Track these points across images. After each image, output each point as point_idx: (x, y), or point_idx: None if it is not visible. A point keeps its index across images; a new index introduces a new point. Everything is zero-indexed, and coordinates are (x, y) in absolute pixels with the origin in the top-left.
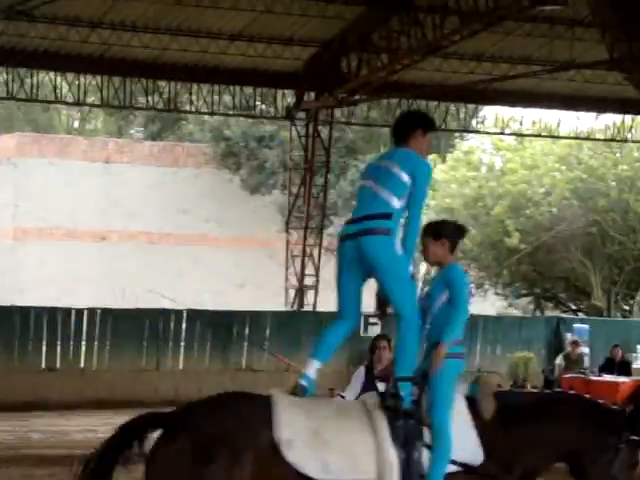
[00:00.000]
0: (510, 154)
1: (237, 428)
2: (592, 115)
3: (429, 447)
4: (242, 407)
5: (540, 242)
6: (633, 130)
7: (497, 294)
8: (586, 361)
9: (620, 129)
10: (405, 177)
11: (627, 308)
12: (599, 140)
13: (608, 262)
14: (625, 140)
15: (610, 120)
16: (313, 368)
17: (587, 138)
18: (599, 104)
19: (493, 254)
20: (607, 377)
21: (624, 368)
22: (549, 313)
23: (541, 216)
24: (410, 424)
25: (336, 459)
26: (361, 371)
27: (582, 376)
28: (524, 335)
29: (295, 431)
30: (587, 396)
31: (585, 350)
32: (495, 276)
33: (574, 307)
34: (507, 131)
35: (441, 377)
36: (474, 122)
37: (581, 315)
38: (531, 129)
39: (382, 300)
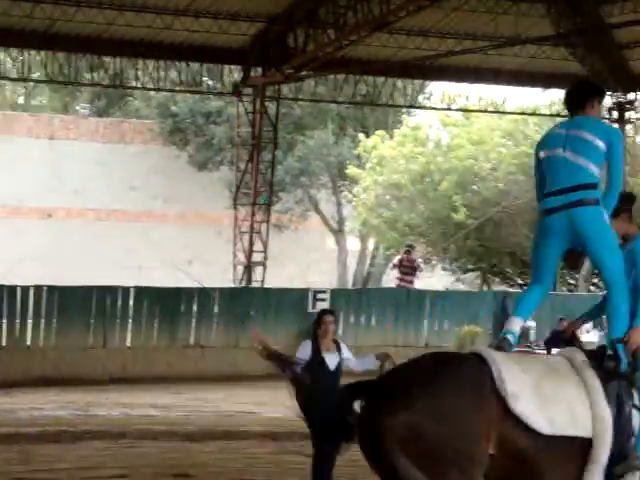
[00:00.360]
0: (457, 130)
1: (462, 386)
2: (538, 90)
3: (638, 409)
4: (458, 366)
5: (487, 217)
6: None
7: (444, 269)
8: (532, 335)
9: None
10: (602, 145)
11: (573, 282)
12: (545, 115)
13: None
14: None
15: (556, 95)
16: (518, 324)
17: (533, 113)
18: (545, 79)
19: (440, 229)
20: (553, 351)
21: (571, 341)
22: (496, 288)
23: (488, 191)
24: (623, 385)
25: (559, 414)
26: (307, 344)
27: (528, 349)
28: (471, 310)
29: (518, 385)
30: None
31: (531, 324)
32: (442, 251)
33: (521, 281)
34: (454, 107)
35: None
36: (421, 98)
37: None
38: (477, 105)
39: (576, 257)
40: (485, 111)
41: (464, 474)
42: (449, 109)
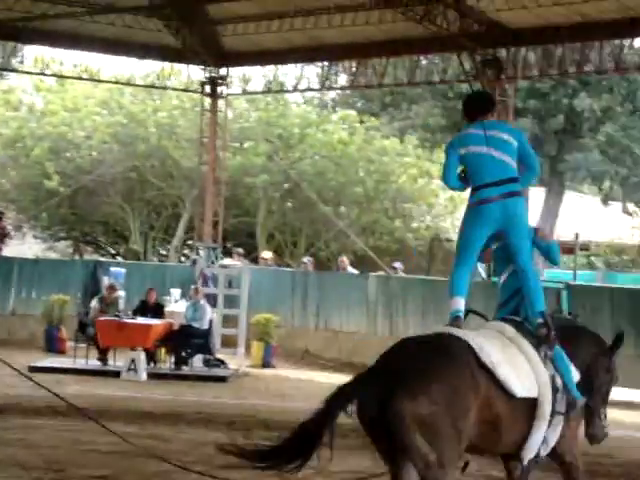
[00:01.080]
0: (51, 96)
1: (461, 367)
2: (134, 61)
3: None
4: (449, 348)
5: (80, 185)
6: (172, 78)
7: (35, 237)
8: (121, 304)
9: (160, 76)
10: (515, 144)
11: (164, 253)
12: (140, 86)
13: (147, 207)
14: (165, 87)
15: (151, 67)
16: (462, 303)
17: (128, 83)
18: (140, 50)
19: (32, 196)
20: (140, 319)
21: (157, 311)
22: (88, 257)
23: (82, 159)
24: (546, 347)
25: (524, 378)
26: None
27: (117, 319)
28: (61, 278)
29: (496, 354)
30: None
31: (121, 293)
32: (34, 219)
33: (113, 251)
34: (48, 72)
35: None
36: (14, 61)
37: (119, 259)
38: (72, 71)
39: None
40: (80, 78)
41: (458, 448)
42: (43, 74)
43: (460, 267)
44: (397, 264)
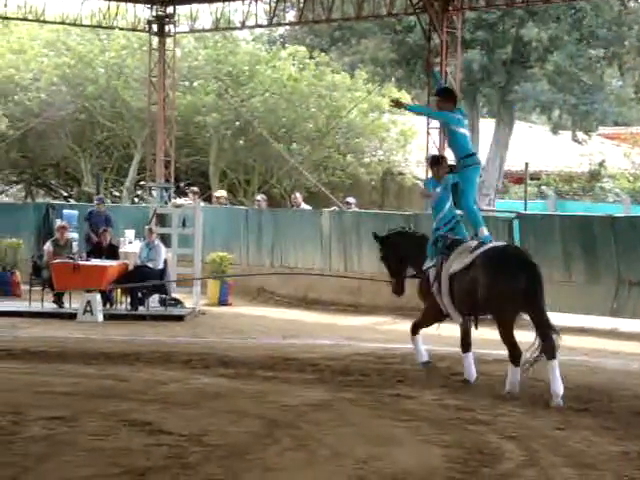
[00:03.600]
0: None
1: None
2: (79, 0)
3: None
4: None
5: (29, 128)
6: (119, 17)
7: None
8: (75, 246)
9: (106, 16)
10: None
11: (117, 194)
12: (86, 26)
13: (98, 148)
14: (112, 27)
15: (96, 6)
16: (486, 230)
17: (74, 24)
18: None
19: None
20: (95, 261)
21: (112, 252)
22: (41, 200)
23: (30, 102)
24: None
25: None
26: None
27: (71, 261)
28: (14, 222)
29: None
30: None
31: (74, 235)
32: None
33: (65, 193)
34: None
35: None
36: None
37: (72, 201)
38: (17, 12)
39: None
40: (25, 19)
41: None
42: None
43: (476, 205)
44: (350, 199)
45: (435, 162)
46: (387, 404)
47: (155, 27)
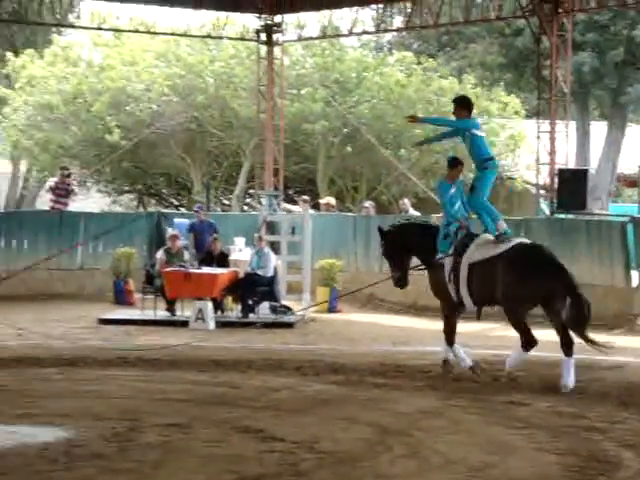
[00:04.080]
0: (109, 50)
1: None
2: (189, 11)
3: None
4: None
5: (141, 138)
6: (228, 27)
7: (100, 191)
8: (186, 254)
9: (215, 26)
10: None
11: (227, 202)
12: (196, 37)
13: (208, 157)
14: (220, 37)
15: (206, 17)
16: (505, 224)
17: (184, 35)
18: (195, 1)
19: (95, 151)
20: (206, 269)
21: (222, 260)
22: (152, 209)
23: (141, 113)
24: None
25: None
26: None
27: (183, 269)
28: (126, 231)
29: None
30: None
31: (186, 243)
32: (97, 173)
33: (176, 202)
34: (105, 26)
35: None
36: (71, 17)
37: (182, 210)
38: (129, 25)
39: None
40: (137, 31)
41: None
42: (100, 29)
43: (490, 205)
44: None
45: (455, 164)
46: (500, 411)
47: (263, 36)
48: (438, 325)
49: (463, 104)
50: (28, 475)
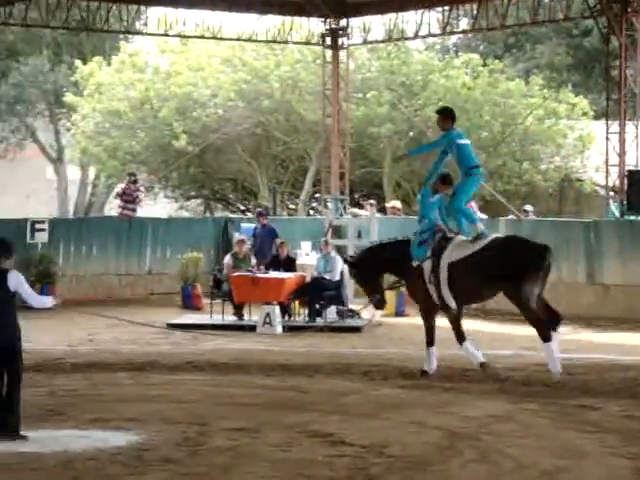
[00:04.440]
0: (175, 56)
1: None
2: (254, 17)
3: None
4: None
5: (208, 144)
6: (293, 32)
7: (167, 197)
8: (253, 259)
9: (281, 31)
10: None
11: (293, 207)
12: (261, 42)
13: (274, 162)
14: (286, 42)
15: (271, 22)
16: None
17: (250, 40)
18: (260, 6)
19: (162, 157)
20: (273, 273)
21: (289, 264)
22: (219, 214)
23: (208, 118)
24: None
25: None
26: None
27: (250, 274)
28: (193, 236)
29: None
30: None
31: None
32: (164, 179)
33: (242, 207)
34: (171, 32)
35: None
36: (137, 24)
37: (249, 215)
38: (195, 31)
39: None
40: (203, 37)
41: None
42: (166, 35)
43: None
44: (528, 207)
45: (447, 182)
46: (571, 415)
47: (329, 40)
48: (507, 329)
49: (446, 115)
50: (100, 479)
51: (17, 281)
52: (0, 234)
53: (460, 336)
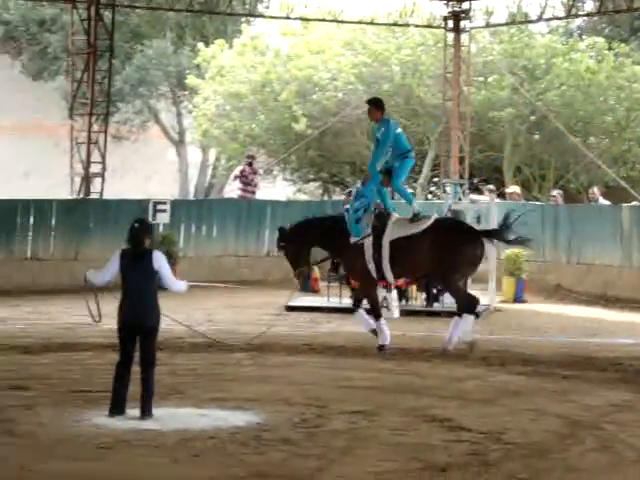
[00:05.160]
0: (296, 39)
1: None
2: (376, 0)
3: None
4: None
5: (327, 127)
6: (414, 15)
7: (286, 179)
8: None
9: (402, 14)
10: None
11: (411, 191)
12: (382, 25)
13: None
14: (407, 25)
15: (392, 5)
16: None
17: (371, 23)
18: None
19: (281, 140)
20: None
21: None
22: (336, 197)
23: (327, 101)
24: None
25: None
26: (117, 254)
27: None
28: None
29: None
30: None
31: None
32: (283, 162)
33: None
34: (293, 16)
35: None
36: (260, 7)
37: None
38: (316, 14)
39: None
40: (324, 20)
41: None
42: (288, 18)
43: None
44: (556, 192)
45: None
46: None
47: (450, 23)
48: (629, 317)
49: (378, 105)
50: (220, 458)
51: (161, 262)
52: (121, 214)
53: (358, 302)
